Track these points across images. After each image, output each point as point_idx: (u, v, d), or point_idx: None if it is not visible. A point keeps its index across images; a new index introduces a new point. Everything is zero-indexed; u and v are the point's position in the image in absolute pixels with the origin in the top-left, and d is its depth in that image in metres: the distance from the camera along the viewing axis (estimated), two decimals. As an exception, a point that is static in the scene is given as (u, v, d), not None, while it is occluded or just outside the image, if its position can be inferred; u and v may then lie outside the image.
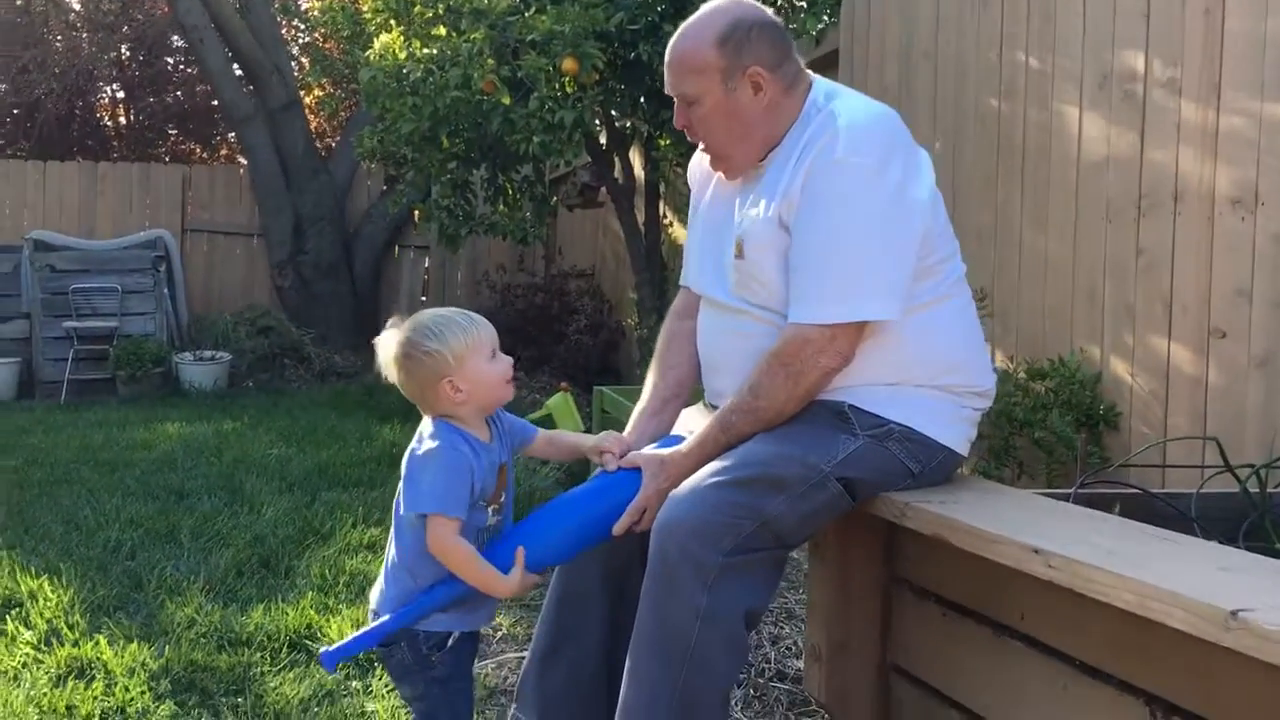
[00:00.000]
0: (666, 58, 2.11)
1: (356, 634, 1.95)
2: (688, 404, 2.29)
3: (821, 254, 1.95)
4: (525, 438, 2.10)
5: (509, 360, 1.94)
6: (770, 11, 2.11)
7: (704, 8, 2.10)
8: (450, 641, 1.93)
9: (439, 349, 1.86)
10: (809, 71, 2.15)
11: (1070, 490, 2.16)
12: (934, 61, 4.16)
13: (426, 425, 1.93)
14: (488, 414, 1.97)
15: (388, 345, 1.91)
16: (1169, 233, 3.01)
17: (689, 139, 2.17)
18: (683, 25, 2.10)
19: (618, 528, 1.99)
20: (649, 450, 2.07)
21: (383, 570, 1.99)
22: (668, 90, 2.12)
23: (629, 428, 2.22)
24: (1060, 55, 3.47)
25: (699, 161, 2.29)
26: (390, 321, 1.94)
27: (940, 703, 2.03)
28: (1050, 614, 1.74)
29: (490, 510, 1.94)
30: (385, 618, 1.90)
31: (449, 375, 1.87)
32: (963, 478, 2.21)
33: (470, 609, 1.95)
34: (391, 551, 1.95)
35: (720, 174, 2.20)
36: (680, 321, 2.32)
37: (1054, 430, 3.11)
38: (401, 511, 1.90)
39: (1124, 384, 3.18)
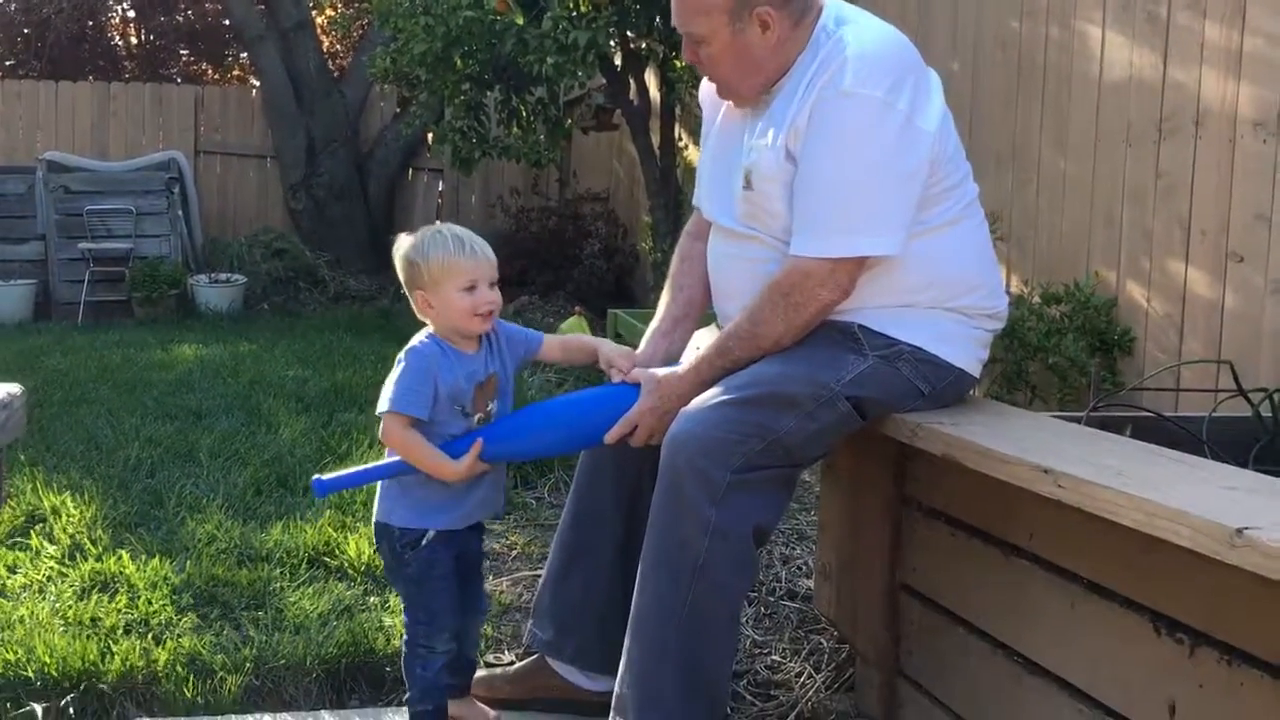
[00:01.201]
0: None
1: (350, 471, 2.08)
2: (700, 325, 2.30)
3: (825, 187, 1.94)
4: (530, 346, 2.15)
5: (491, 297, 1.98)
6: None
7: None
8: (424, 541, 2.01)
9: (419, 262, 1.97)
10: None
11: (1082, 413, 2.17)
12: (955, -20, 4.08)
13: (414, 338, 2.03)
14: (462, 336, 2.01)
15: (398, 245, 2.03)
16: (1189, 156, 2.98)
17: (699, 73, 2.15)
18: None
19: (609, 437, 2.03)
20: (644, 371, 2.08)
21: None
22: (674, 24, 2.08)
23: (641, 346, 2.24)
24: (1084, -27, 3.40)
25: (709, 87, 2.27)
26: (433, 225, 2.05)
27: (949, 620, 2.06)
28: (1059, 533, 1.76)
29: (476, 419, 2.02)
30: (381, 462, 2.04)
31: (423, 289, 1.98)
32: (975, 400, 2.22)
33: (439, 507, 2.01)
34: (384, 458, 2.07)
35: (727, 103, 2.19)
36: (693, 243, 2.33)
37: (1067, 355, 3.12)
38: (377, 411, 1.99)
39: (1139, 309, 3.17)
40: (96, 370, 5.73)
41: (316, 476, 2.01)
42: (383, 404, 1.95)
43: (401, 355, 1.99)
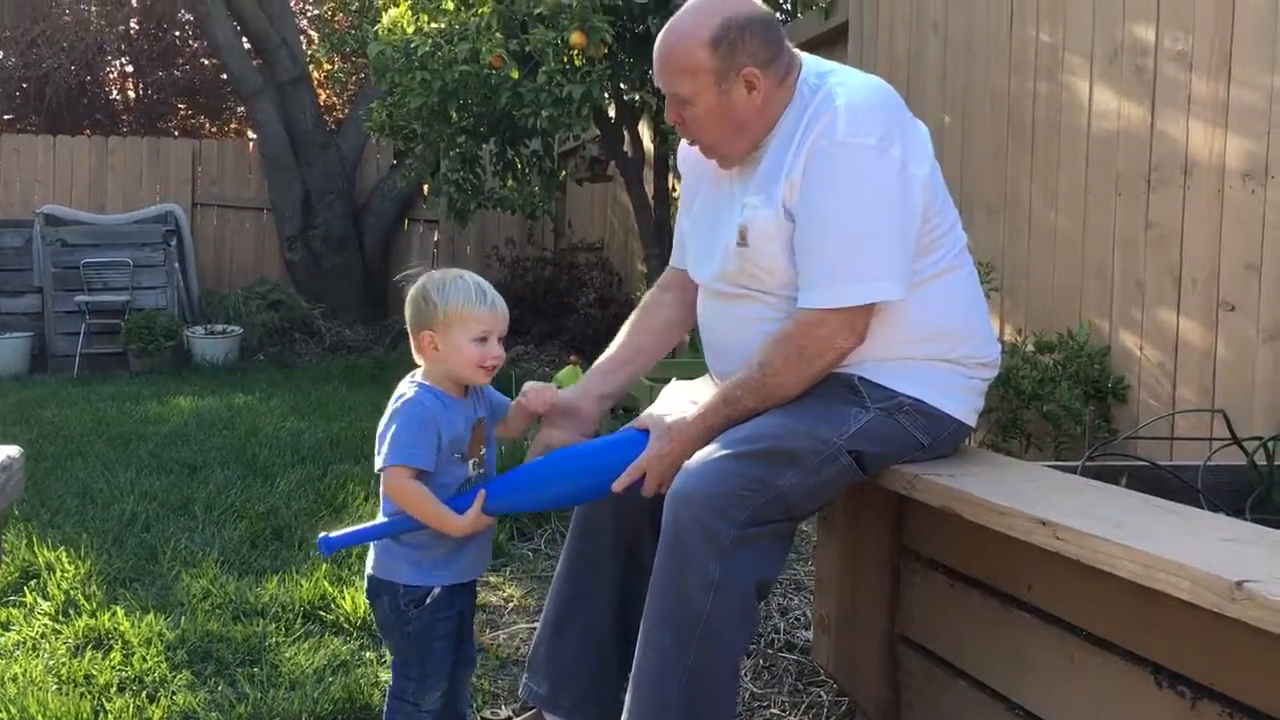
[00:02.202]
0: (656, 52, 2.06)
1: (356, 528, 2.02)
2: (644, 369, 2.37)
3: (831, 236, 1.96)
4: (498, 408, 2.14)
5: (499, 352, 1.98)
6: (759, 1, 2.07)
7: (693, 2, 2.05)
8: (429, 599, 1.98)
9: (438, 302, 1.95)
10: (797, 52, 2.11)
11: (1078, 463, 2.17)
12: (944, 34, 4.15)
13: (401, 384, 2.01)
14: (457, 384, 2.01)
15: (419, 280, 2.01)
16: (1179, 206, 3.01)
17: (681, 134, 2.15)
18: (672, 20, 2.06)
19: (617, 484, 2.02)
20: (655, 413, 2.09)
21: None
22: (658, 84, 2.08)
23: (582, 380, 2.29)
24: (1070, 29, 3.46)
25: (690, 150, 2.28)
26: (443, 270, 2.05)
27: (948, 673, 2.05)
28: (1058, 585, 1.76)
29: (470, 464, 2.00)
30: (383, 519, 1.99)
31: (432, 329, 1.95)
32: (971, 450, 2.22)
33: (440, 562, 2.00)
34: (380, 513, 2.03)
35: (713, 164, 2.20)
36: (661, 293, 2.38)
37: (1062, 403, 3.13)
38: (376, 469, 1.96)
39: (1132, 357, 3.19)
40: (92, 423, 5.73)
41: (324, 535, 1.98)
42: (387, 457, 1.91)
43: (395, 406, 1.96)
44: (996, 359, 2.17)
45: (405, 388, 1.99)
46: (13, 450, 1.23)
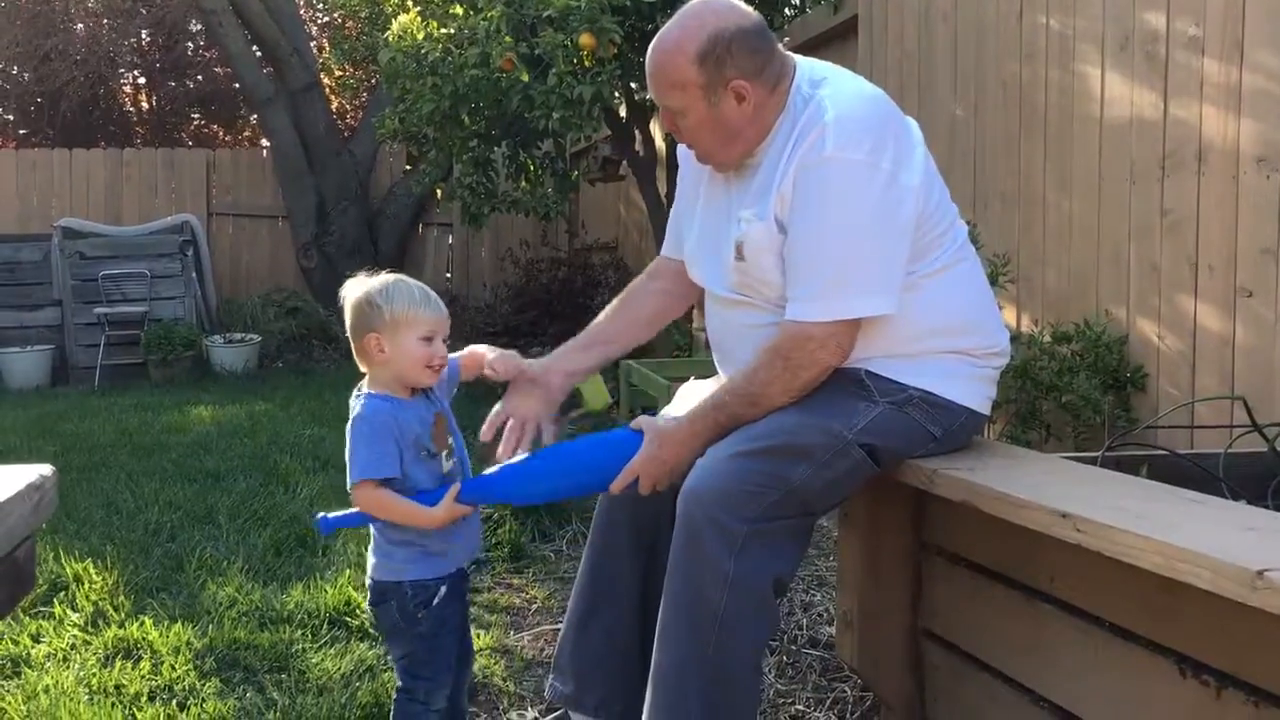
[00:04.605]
0: (647, 64, 2.08)
1: (353, 510, 2.02)
2: (617, 355, 2.42)
3: (816, 251, 1.96)
4: (452, 376, 2.15)
5: (443, 352, 2.00)
6: (748, 9, 2.05)
7: (681, 13, 2.05)
8: (436, 599, 2.00)
9: (382, 304, 1.98)
10: (790, 56, 2.11)
11: (1098, 453, 2.17)
12: (953, 25, 4.14)
13: (352, 400, 2.03)
14: (408, 386, 2.02)
15: (353, 287, 2.03)
16: (1193, 192, 3.00)
17: (677, 140, 2.16)
18: (661, 31, 2.06)
19: (613, 487, 2.04)
20: (647, 419, 2.11)
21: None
22: (651, 95, 2.11)
23: (553, 352, 2.33)
24: (1081, 16, 3.44)
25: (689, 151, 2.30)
26: (368, 271, 2.06)
27: (972, 666, 2.06)
28: (1080, 577, 1.76)
29: (443, 456, 2.02)
30: None
31: (378, 331, 1.97)
32: (990, 443, 2.23)
33: (438, 555, 2.01)
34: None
35: (710, 168, 2.22)
36: (649, 280, 2.42)
37: (1080, 393, 3.12)
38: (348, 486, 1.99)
39: (1151, 345, 3.18)
40: (114, 434, 5.77)
41: (322, 514, 2.02)
42: (351, 475, 1.95)
43: (351, 425, 1.97)
44: (1006, 347, 2.17)
45: (353, 404, 2.01)
46: (45, 469, 1.24)
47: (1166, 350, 3.12)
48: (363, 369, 2.05)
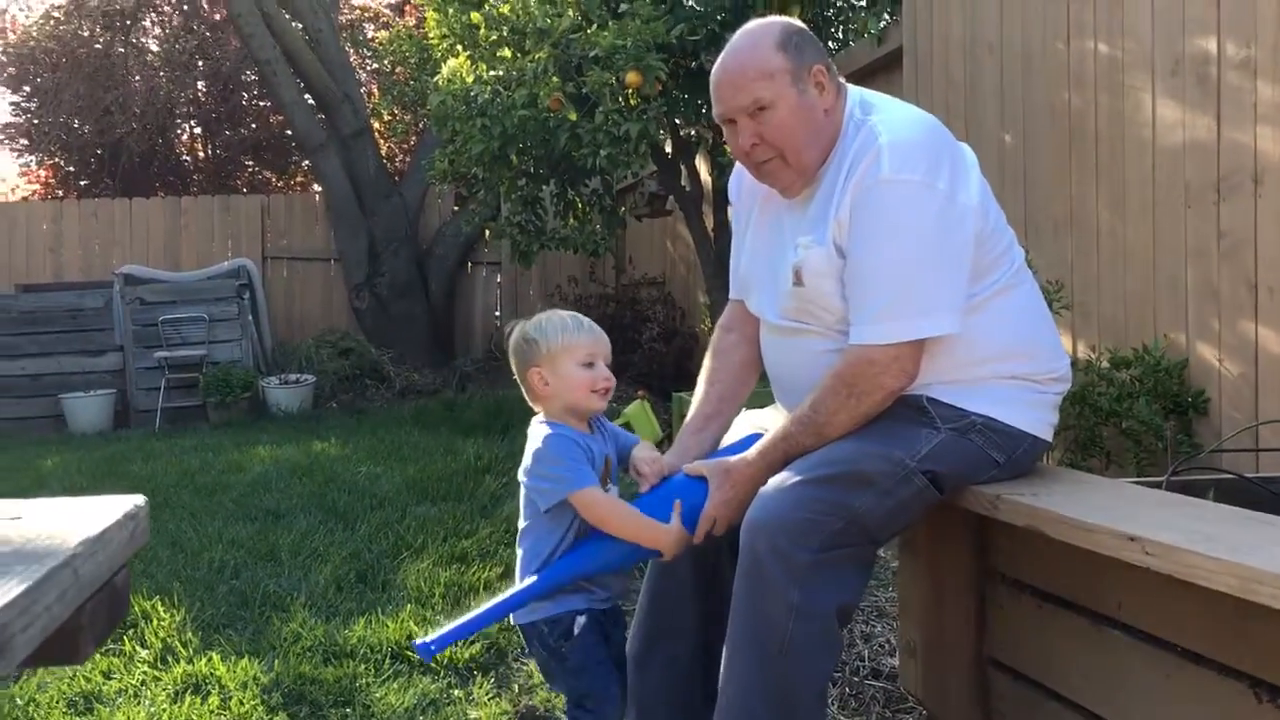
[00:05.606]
0: (721, 75, 2.08)
1: (454, 624, 1.96)
2: (733, 414, 2.33)
3: (877, 274, 1.98)
4: (626, 446, 2.15)
5: (605, 374, 2.01)
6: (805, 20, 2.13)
7: (740, 31, 2.11)
8: (576, 629, 1.98)
9: (537, 339, 2.02)
10: (842, 80, 2.16)
11: (1163, 478, 2.15)
12: (999, 54, 4.15)
13: (530, 428, 2.03)
14: (578, 417, 2.03)
15: (514, 328, 2.07)
16: (1250, 214, 2.97)
17: (750, 158, 2.12)
18: (728, 47, 2.10)
19: (696, 538, 2.04)
20: (713, 461, 2.10)
21: (517, 566, 2.06)
22: (727, 109, 2.08)
23: (674, 444, 2.26)
24: (1129, 41, 3.44)
25: (741, 181, 2.30)
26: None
27: (1040, 694, 2.04)
28: (1149, 601, 1.74)
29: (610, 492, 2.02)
30: (478, 611, 1.96)
31: (539, 365, 2.00)
32: (1052, 469, 2.21)
33: (584, 588, 2.00)
34: (519, 550, 2.04)
35: (762, 198, 2.23)
36: (726, 335, 2.38)
37: (1141, 419, 3.09)
38: (543, 509, 1.96)
39: (1211, 369, 3.14)
40: (177, 475, 5.87)
41: (421, 640, 1.94)
42: (567, 488, 1.92)
43: (538, 446, 1.95)
44: (1066, 371, 2.16)
45: (539, 428, 2.00)
46: (139, 499, 1.29)
47: (1228, 374, 3.09)
48: (535, 409, 2.05)
